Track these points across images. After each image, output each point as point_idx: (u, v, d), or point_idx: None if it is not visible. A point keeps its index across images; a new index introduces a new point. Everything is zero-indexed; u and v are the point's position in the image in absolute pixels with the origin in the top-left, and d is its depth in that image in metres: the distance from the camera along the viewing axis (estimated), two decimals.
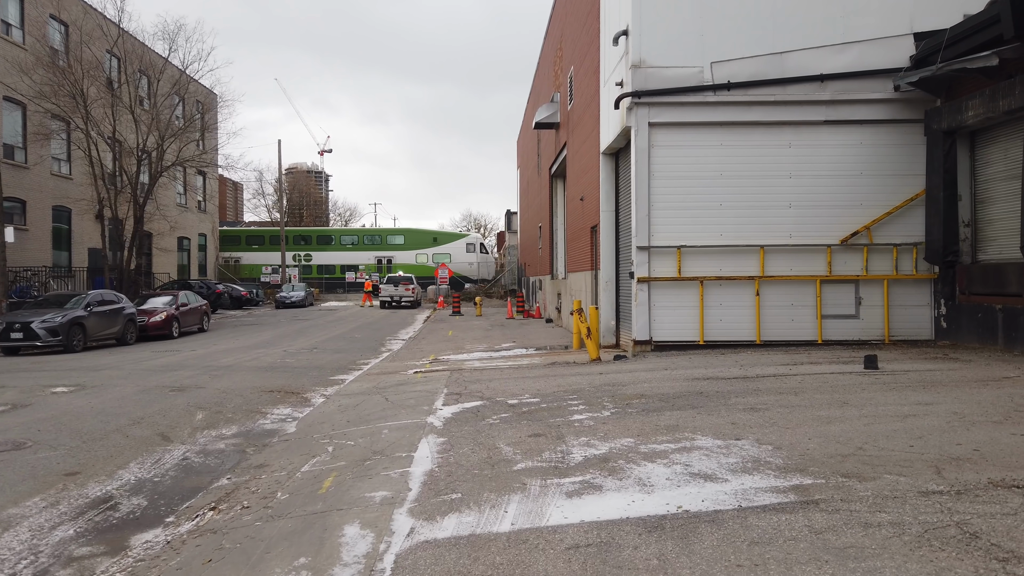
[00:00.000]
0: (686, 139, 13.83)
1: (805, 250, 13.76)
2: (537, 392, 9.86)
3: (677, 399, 8.61)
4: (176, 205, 43.28)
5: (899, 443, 6.07)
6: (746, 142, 13.83)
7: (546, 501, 5.03)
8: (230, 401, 11.31)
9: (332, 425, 9.02)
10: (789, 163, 13.81)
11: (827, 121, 13.75)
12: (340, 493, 5.84)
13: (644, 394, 9.08)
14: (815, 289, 13.69)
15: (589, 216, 19.26)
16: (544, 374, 11.92)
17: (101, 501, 6.42)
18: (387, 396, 10.72)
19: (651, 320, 13.72)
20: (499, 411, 8.62)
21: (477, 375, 12.37)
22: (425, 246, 57.84)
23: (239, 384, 13.07)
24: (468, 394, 10.12)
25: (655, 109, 13.72)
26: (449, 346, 19.06)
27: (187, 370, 15.19)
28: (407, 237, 59.49)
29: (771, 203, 13.79)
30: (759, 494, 4.86)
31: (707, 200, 13.79)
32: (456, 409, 8.99)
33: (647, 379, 10.36)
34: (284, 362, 16.74)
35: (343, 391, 12.08)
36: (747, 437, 6.52)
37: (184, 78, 30.10)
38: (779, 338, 13.71)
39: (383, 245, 58.86)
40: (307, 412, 10.41)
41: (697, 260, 13.80)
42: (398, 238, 59.63)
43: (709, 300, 13.75)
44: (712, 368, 11.15)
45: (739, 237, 13.77)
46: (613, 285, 17.03)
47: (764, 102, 13.67)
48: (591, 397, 9.12)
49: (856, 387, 8.87)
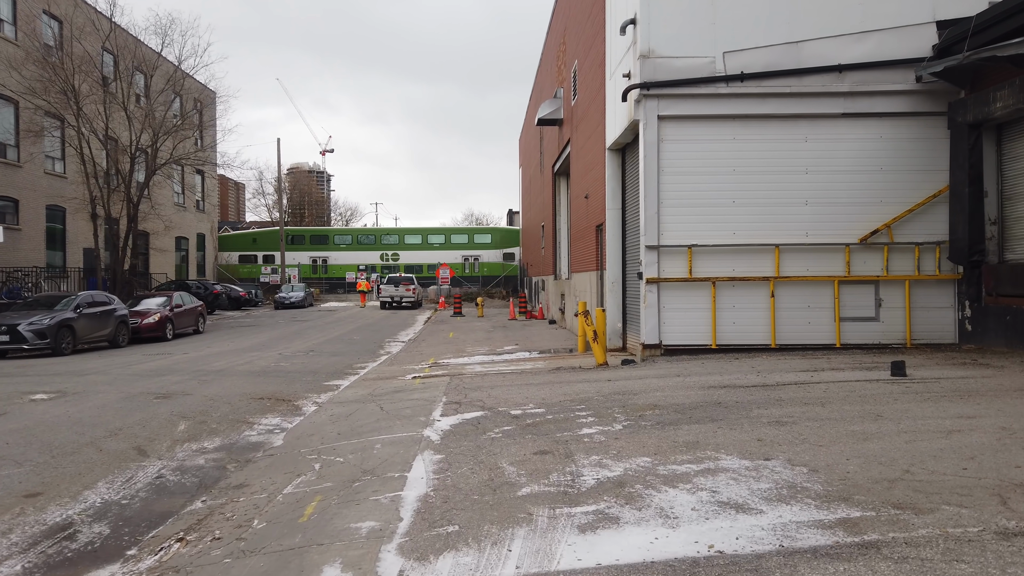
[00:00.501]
0: (697, 133, 13.17)
1: (822, 249, 13.10)
2: (542, 401, 9.21)
3: (694, 410, 7.95)
4: (174, 205, 42.66)
5: (949, 465, 5.42)
6: (760, 136, 13.16)
7: (555, 537, 4.38)
8: (216, 410, 10.67)
9: (322, 438, 8.38)
10: (805, 158, 13.14)
11: (845, 114, 13.08)
12: (323, 523, 5.20)
13: (657, 404, 8.43)
14: (833, 290, 13.03)
15: (594, 214, 18.61)
16: (549, 380, 11.27)
17: (59, 529, 5.78)
18: (382, 405, 10.08)
19: (660, 323, 13.07)
20: (501, 423, 7.97)
21: (478, 381, 11.72)
22: (513, 244, 57.10)
23: (228, 390, 12.43)
24: (468, 403, 9.47)
25: (664, 101, 13.06)
26: (449, 349, 18.42)
27: (176, 375, 14.55)
28: (494, 236, 59.04)
29: (787, 200, 13.13)
30: (803, 531, 4.21)
31: (719, 197, 13.13)
32: (455, 420, 8.34)
33: (659, 387, 9.71)
34: (278, 366, 16.11)
35: (337, 398, 11.44)
36: (777, 457, 5.87)
37: (179, 74, 29.42)
38: (795, 342, 13.04)
39: (470, 244, 58.36)
40: (297, 422, 9.77)
41: (709, 260, 13.14)
42: (485, 237, 59.15)
43: (721, 302, 13.09)
44: (727, 374, 10.49)
45: (753, 236, 13.10)
46: (620, 286, 16.38)
47: (779, 94, 13.01)
48: (600, 407, 8.47)
49: (887, 397, 8.21)
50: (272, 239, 56.00)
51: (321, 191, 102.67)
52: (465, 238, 59.29)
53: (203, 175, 47.03)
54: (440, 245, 58.12)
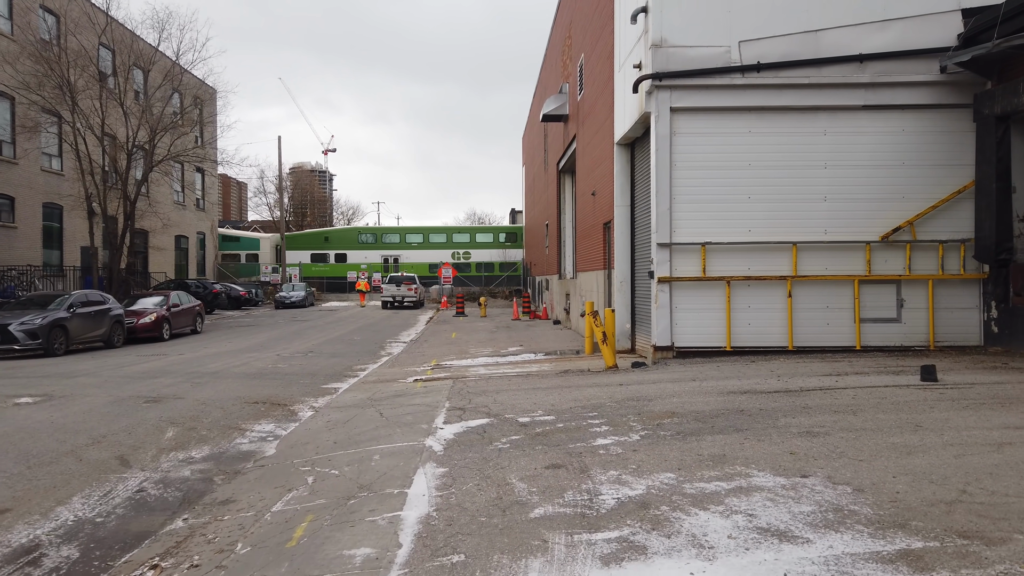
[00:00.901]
0: (711, 126, 12.62)
1: (842, 247, 12.54)
2: (551, 407, 8.67)
3: (716, 418, 7.41)
4: (173, 203, 42.13)
5: (1010, 483, 4.88)
6: (777, 129, 12.61)
7: (575, 570, 3.84)
8: (208, 415, 10.14)
9: (317, 447, 7.85)
10: (824, 152, 12.59)
11: (866, 106, 12.52)
12: (313, 548, 4.67)
13: (675, 411, 7.88)
14: (853, 290, 12.47)
15: (602, 212, 18.06)
16: (557, 384, 10.73)
17: (24, 552, 5.25)
18: (382, 410, 9.55)
19: (673, 324, 12.52)
20: (509, 431, 7.43)
21: (483, 384, 11.19)
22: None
23: (222, 394, 11.91)
24: (473, 409, 8.94)
25: (677, 92, 12.51)
26: (452, 350, 17.88)
27: (169, 377, 14.03)
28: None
29: (804, 196, 12.57)
30: (860, 565, 3.67)
31: (734, 193, 12.58)
32: (459, 428, 7.81)
33: (675, 392, 9.17)
34: (276, 367, 15.58)
35: (335, 403, 10.91)
36: (815, 473, 5.32)
37: (176, 69, 28.84)
38: (813, 344, 12.49)
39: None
40: (291, 429, 9.23)
41: (723, 258, 12.59)
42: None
43: (737, 302, 12.54)
44: (746, 379, 9.94)
45: (769, 233, 12.55)
46: (628, 285, 15.83)
47: (797, 85, 12.45)
48: (614, 415, 7.93)
49: (922, 404, 7.66)
50: (345, 237, 55.63)
51: (323, 190, 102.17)
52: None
53: (203, 173, 46.47)
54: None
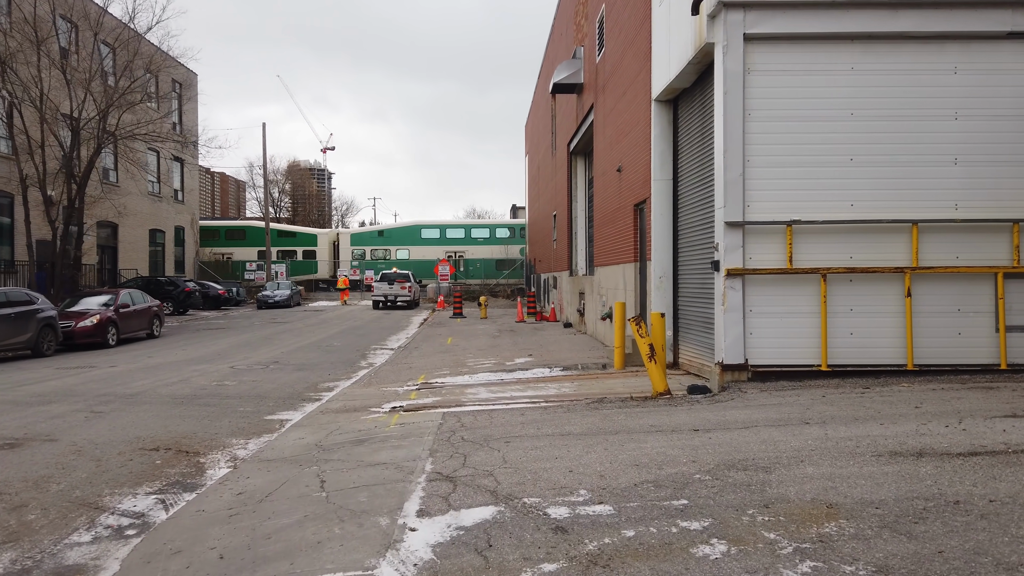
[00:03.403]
0: (800, 61, 9.17)
1: (979, 228, 9.09)
2: (600, 482, 5.21)
3: (915, 523, 3.96)
4: (148, 194, 38.61)
5: None
6: (890, 66, 9.15)
7: None
8: (68, 474, 6.69)
9: (188, 563, 4.40)
10: (954, 97, 9.13)
11: (1012, 33, 9.06)
12: None
13: (831, 503, 4.42)
14: (995, 287, 9.03)
15: (631, 191, 14.60)
16: (596, 427, 7.26)
17: None
18: (326, 476, 6.08)
19: (746, 334, 9.07)
20: (535, 546, 3.99)
21: (484, 423, 7.73)
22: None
23: (117, 432, 8.46)
24: (468, 481, 5.48)
25: (753, 13, 9.06)
26: (446, 361, 14.43)
27: (69, 401, 10.59)
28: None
29: (927, 158, 9.13)
30: None
31: (831, 153, 9.13)
32: (444, 535, 4.36)
33: (795, 450, 5.70)
34: (219, 386, 12.14)
35: (267, 451, 7.44)
36: None
37: (128, 32, 25.15)
38: (939, 361, 9.03)
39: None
40: (176, 511, 5.76)
41: (816, 243, 9.14)
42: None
43: (834, 303, 9.08)
44: (893, 423, 6.46)
45: (879, 208, 9.10)
46: (669, 282, 12.38)
47: (919, 3, 9.01)
48: (720, 507, 4.48)
49: None
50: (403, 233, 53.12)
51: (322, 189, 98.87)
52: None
53: (182, 163, 42.95)
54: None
